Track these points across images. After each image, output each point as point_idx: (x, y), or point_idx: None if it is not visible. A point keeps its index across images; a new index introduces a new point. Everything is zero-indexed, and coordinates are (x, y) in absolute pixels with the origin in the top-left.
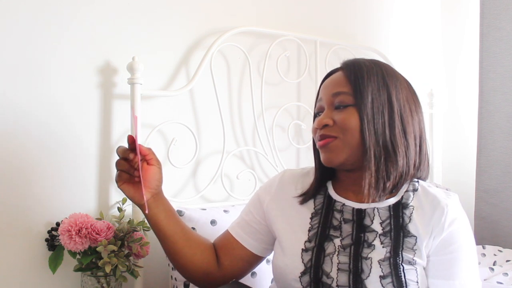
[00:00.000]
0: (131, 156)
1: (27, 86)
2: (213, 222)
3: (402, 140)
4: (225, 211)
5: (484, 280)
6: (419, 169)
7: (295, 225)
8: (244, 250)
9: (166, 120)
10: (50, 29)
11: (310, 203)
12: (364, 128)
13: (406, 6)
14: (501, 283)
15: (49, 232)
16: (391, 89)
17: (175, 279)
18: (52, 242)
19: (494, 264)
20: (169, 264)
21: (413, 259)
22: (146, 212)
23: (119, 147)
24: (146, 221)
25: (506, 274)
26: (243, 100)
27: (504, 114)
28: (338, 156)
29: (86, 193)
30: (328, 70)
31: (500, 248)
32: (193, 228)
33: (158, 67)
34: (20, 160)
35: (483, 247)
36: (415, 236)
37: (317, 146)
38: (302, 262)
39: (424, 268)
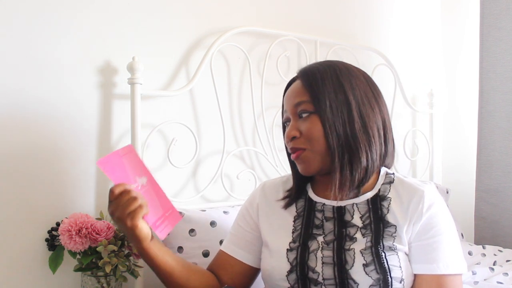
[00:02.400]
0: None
1: (27, 86)
2: (212, 223)
3: (363, 136)
4: (224, 212)
5: (484, 280)
6: (386, 157)
7: (280, 229)
8: (242, 265)
9: (166, 120)
10: (50, 29)
11: (292, 208)
12: (327, 133)
13: (406, 6)
14: (501, 283)
15: (49, 232)
16: (347, 88)
17: None
18: (52, 242)
19: (494, 264)
20: None
21: (394, 245)
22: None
23: (114, 189)
24: (142, 259)
25: (506, 274)
26: (243, 100)
27: (504, 114)
28: (312, 166)
29: (86, 193)
30: None
31: (500, 248)
32: (193, 230)
33: (158, 67)
34: (20, 160)
35: (483, 247)
36: (394, 225)
37: (291, 158)
38: (288, 261)
39: (406, 254)
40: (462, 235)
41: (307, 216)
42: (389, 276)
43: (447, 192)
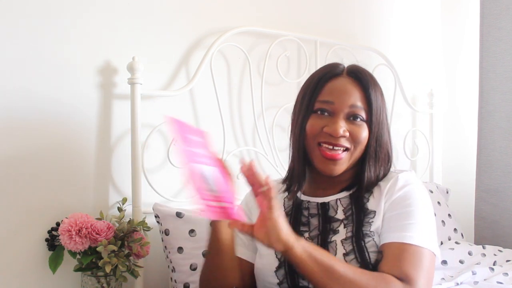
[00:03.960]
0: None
1: (27, 86)
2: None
3: (390, 144)
4: None
5: (484, 280)
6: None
7: None
8: (249, 264)
9: (166, 120)
10: (50, 30)
11: (281, 207)
12: (371, 142)
13: (406, 6)
14: (501, 283)
15: (49, 232)
16: (385, 102)
17: (175, 281)
18: (52, 242)
19: (494, 264)
20: (168, 266)
21: (371, 231)
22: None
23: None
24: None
25: (506, 274)
26: (243, 100)
27: (504, 114)
28: (342, 168)
29: (86, 193)
30: None
31: (500, 248)
32: (193, 230)
33: (158, 67)
34: (20, 160)
35: (483, 247)
36: (374, 211)
37: (325, 153)
38: (276, 257)
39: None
40: (462, 235)
41: (295, 215)
42: (370, 264)
43: (447, 192)
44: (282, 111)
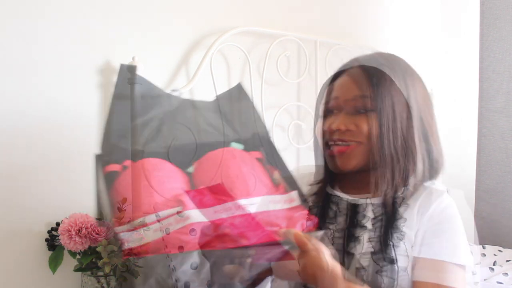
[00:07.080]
0: None
1: (27, 86)
2: None
3: (423, 144)
4: None
5: (484, 280)
6: (439, 168)
7: None
8: None
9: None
10: (50, 29)
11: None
12: (383, 135)
13: (406, 6)
14: (501, 283)
15: (49, 232)
16: (410, 91)
17: (176, 280)
18: (52, 242)
19: (494, 264)
20: (169, 265)
21: (401, 234)
22: None
23: None
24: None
25: (506, 274)
26: None
27: (504, 114)
28: (350, 162)
29: (86, 193)
30: (328, 70)
31: (500, 248)
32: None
33: (158, 67)
34: (20, 160)
35: (483, 247)
36: (405, 218)
37: (330, 151)
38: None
39: (411, 246)
40: None
41: (322, 207)
42: (396, 265)
43: (447, 192)
44: (282, 111)
